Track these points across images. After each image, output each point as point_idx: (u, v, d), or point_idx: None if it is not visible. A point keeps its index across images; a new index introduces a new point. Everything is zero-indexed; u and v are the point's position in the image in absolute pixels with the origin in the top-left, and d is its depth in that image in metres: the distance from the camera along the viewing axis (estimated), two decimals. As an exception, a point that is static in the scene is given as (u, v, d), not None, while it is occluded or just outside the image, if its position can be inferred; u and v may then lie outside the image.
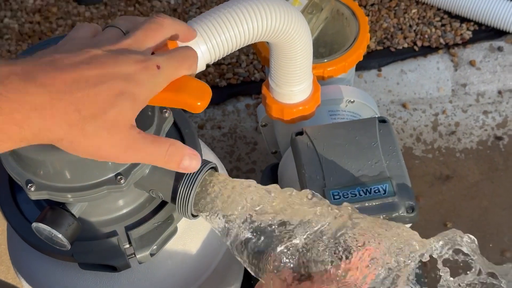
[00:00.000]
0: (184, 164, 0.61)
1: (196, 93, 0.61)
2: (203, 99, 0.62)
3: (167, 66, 0.59)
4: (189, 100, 0.61)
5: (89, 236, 0.73)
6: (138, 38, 0.59)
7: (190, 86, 0.61)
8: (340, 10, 1.06)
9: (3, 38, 1.61)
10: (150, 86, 0.57)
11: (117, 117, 0.55)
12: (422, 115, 1.45)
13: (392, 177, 0.83)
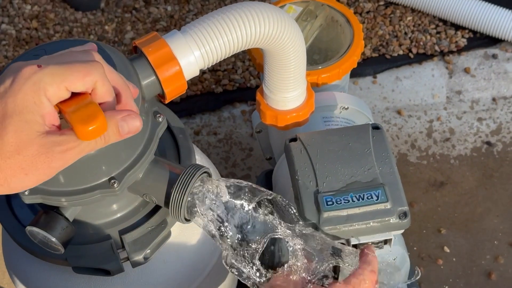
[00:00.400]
0: (124, 130, 0.57)
1: (84, 117, 0.56)
2: (91, 122, 0.56)
3: (52, 65, 0.55)
4: (77, 126, 0.56)
5: (83, 240, 0.73)
6: (53, 57, 0.57)
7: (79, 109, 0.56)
8: (335, 17, 1.07)
9: (0, 44, 1.62)
10: (29, 87, 0.53)
11: (17, 136, 0.53)
12: (417, 121, 1.46)
13: (385, 184, 0.84)
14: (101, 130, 0.56)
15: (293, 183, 0.86)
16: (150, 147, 0.69)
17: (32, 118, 0.54)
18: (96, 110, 0.56)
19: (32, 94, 0.54)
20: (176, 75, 0.71)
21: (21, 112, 0.53)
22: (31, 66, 0.54)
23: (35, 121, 0.54)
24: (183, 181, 0.68)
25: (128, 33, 1.63)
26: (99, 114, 0.56)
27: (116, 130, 0.57)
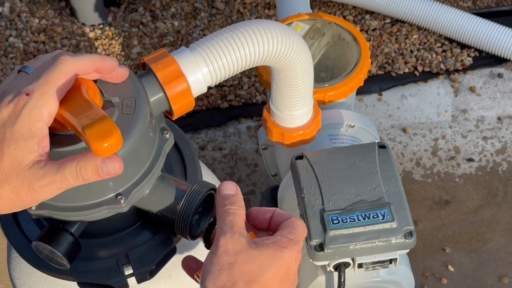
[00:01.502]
0: (104, 171, 0.58)
1: (99, 133, 0.57)
2: (107, 139, 0.57)
3: (36, 87, 0.58)
4: (92, 143, 0.57)
5: (88, 256, 0.73)
6: (30, 76, 0.59)
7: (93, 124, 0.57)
8: (342, 35, 1.07)
9: (7, 57, 1.63)
10: (26, 116, 0.56)
11: (11, 164, 0.56)
12: (422, 139, 1.46)
13: (390, 203, 0.84)
14: (116, 146, 0.57)
15: (299, 201, 0.86)
16: (157, 163, 0.69)
17: (28, 146, 0.56)
18: (111, 126, 0.57)
19: (29, 122, 0.56)
20: (184, 92, 0.71)
21: (17, 140, 0.56)
22: (22, 96, 0.57)
23: (30, 149, 0.56)
24: (189, 198, 0.68)
25: (135, 48, 1.64)
26: (115, 130, 0.57)
27: (96, 171, 0.58)
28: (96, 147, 0.56)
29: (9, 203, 0.57)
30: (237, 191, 0.65)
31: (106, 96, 0.66)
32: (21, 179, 0.56)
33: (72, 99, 0.61)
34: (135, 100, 0.66)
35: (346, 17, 1.64)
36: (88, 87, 0.64)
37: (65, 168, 0.57)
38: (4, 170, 0.56)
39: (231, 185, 0.65)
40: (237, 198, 0.64)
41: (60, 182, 0.57)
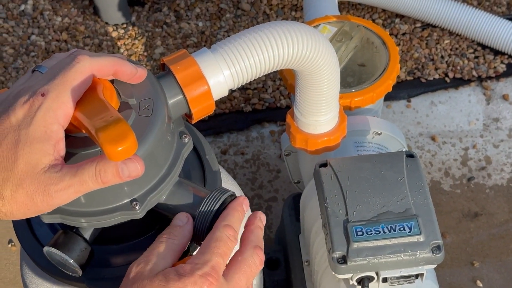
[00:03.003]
0: (125, 173, 0.56)
1: (113, 136, 0.55)
2: (121, 143, 0.55)
3: (52, 88, 0.56)
4: (106, 146, 0.55)
5: (102, 263, 0.71)
6: (45, 76, 0.57)
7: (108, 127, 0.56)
8: (370, 39, 1.04)
9: (29, 55, 1.62)
10: (41, 118, 0.54)
11: (26, 168, 0.54)
12: (451, 148, 1.42)
13: (418, 215, 0.80)
14: (131, 150, 0.55)
15: (322, 210, 0.83)
16: (174, 168, 0.67)
17: (43, 149, 0.54)
18: (125, 129, 0.55)
19: (44, 124, 0.54)
20: (204, 94, 0.69)
21: (32, 143, 0.54)
22: (37, 97, 0.55)
23: (45, 152, 0.54)
24: (207, 205, 0.66)
25: (158, 48, 1.62)
26: (129, 133, 0.55)
27: (116, 173, 0.56)
28: (109, 151, 0.54)
29: (23, 208, 0.55)
30: (187, 221, 0.63)
31: (123, 98, 0.64)
32: (36, 183, 0.54)
33: (87, 100, 0.59)
34: (153, 102, 0.64)
35: (375, 20, 1.61)
36: (104, 87, 0.61)
37: (84, 171, 0.55)
38: (18, 174, 0.54)
39: (183, 216, 0.64)
40: (180, 229, 0.62)
41: (78, 186, 0.55)
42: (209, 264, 0.57)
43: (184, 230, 0.62)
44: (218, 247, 0.59)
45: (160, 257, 0.59)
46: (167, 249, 0.59)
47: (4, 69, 1.60)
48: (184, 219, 0.63)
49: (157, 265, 0.58)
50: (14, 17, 1.68)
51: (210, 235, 0.60)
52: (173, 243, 0.60)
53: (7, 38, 1.65)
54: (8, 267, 1.33)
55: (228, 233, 0.60)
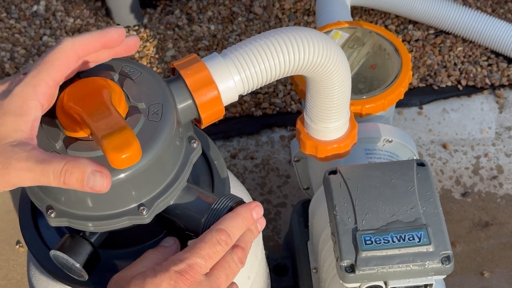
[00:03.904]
0: (89, 184, 0.54)
1: (117, 143, 0.54)
2: (125, 150, 0.54)
3: (33, 67, 0.56)
4: (110, 153, 0.54)
5: (109, 267, 0.71)
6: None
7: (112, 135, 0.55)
8: (382, 45, 1.03)
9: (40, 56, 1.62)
10: (19, 92, 0.54)
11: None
12: (463, 157, 1.40)
13: (428, 225, 0.79)
14: (135, 158, 0.55)
15: (331, 218, 0.82)
16: (182, 174, 0.66)
17: (16, 123, 0.53)
18: (130, 137, 0.55)
19: (21, 99, 0.53)
20: (214, 100, 0.68)
21: (5, 115, 0.53)
22: (19, 75, 0.55)
23: (18, 128, 0.53)
24: (215, 211, 0.65)
25: (169, 51, 1.62)
26: (134, 141, 0.54)
27: (81, 179, 0.54)
28: (113, 158, 0.54)
29: None
30: (174, 243, 0.63)
31: (132, 102, 0.64)
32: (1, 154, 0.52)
33: (93, 104, 0.59)
34: (162, 107, 0.64)
35: (388, 26, 1.60)
36: (113, 91, 0.61)
37: (51, 164, 0.53)
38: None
39: (170, 239, 0.64)
40: (166, 249, 0.63)
41: (39, 175, 0.53)
42: (186, 262, 0.57)
43: (170, 250, 0.62)
44: (201, 248, 0.58)
45: (141, 265, 0.60)
46: (150, 261, 0.60)
47: (15, 70, 1.60)
48: (171, 241, 0.64)
49: (137, 271, 0.59)
50: (27, 17, 1.68)
51: (200, 236, 0.60)
52: (158, 257, 0.61)
53: (19, 38, 1.65)
54: (15, 268, 1.33)
55: (219, 236, 0.59)
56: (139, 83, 0.65)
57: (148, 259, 0.61)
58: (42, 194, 0.65)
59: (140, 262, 0.60)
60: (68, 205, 0.63)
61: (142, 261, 0.61)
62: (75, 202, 0.63)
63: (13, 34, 1.66)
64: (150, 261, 0.60)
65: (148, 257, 0.61)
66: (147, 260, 0.61)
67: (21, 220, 0.75)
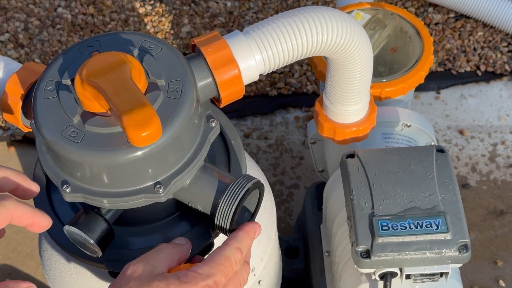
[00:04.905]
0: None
1: (138, 121, 0.54)
2: (146, 128, 0.54)
3: None
4: (129, 130, 0.54)
5: (121, 244, 0.70)
6: None
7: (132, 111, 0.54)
8: (404, 28, 1.01)
9: (55, 27, 1.61)
10: None
11: None
12: (479, 144, 1.38)
13: (446, 212, 0.78)
14: (154, 136, 0.54)
15: (347, 202, 0.81)
16: (200, 153, 0.65)
17: None
18: (151, 114, 0.54)
19: None
20: (234, 78, 0.67)
21: None
22: None
23: None
24: (232, 192, 0.64)
25: (185, 27, 1.60)
26: (154, 119, 0.53)
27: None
28: (133, 135, 0.53)
29: None
30: (186, 243, 0.63)
31: (152, 78, 0.63)
32: None
33: (113, 79, 0.58)
34: (182, 84, 0.63)
35: (408, 8, 1.57)
36: (133, 67, 0.60)
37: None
38: None
39: (182, 238, 0.64)
40: (179, 246, 0.62)
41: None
42: (212, 278, 0.57)
43: (183, 248, 0.63)
44: (225, 266, 0.59)
45: (157, 260, 0.59)
46: (165, 256, 0.60)
47: (29, 41, 1.59)
48: (184, 241, 0.64)
49: (155, 267, 0.58)
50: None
51: (220, 251, 0.60)
52: (172, 252, 0.61)
53: (34, 9, 1.63)
54: (25, 240, 1.33)
55: (237, 256, 0.60)
56: (159, 59, 0.64)
57: (163, 252, 0.60)
58: (58, 168, 0.64)
59: (155, 255, 0.60)
60: (83, 180, 0.63)
61: (157, 254, 0.60)
62: (91, 178, 0.62)
63: (27, 4, 1.64)
64: (164, 255, 0.60)
65: (162, 250, 0.60)
66: (161, 254, 0.60)
67: (35, 194, 0.74)
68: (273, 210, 0.87)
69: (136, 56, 0.64)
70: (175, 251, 0.61)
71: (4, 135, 1.42)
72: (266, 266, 0.85)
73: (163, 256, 0.60)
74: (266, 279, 0.87)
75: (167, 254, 0.60)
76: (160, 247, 0.61)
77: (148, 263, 0.58)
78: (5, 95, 0.72)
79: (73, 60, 0.65)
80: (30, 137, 1.43)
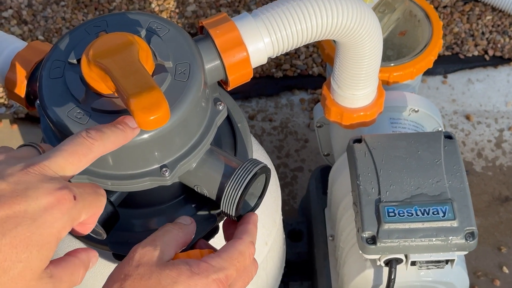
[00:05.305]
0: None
1: (146, 104, 0.52)
2: (154, 111, 0.52)
3: (84, 197, 0.51)
4: (138, 114, 0.52)
5: (126, 227, 0.70)
6: (57, 161, 0.51)
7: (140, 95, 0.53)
8: (413, 11, 1.00)
9: (59, 4, 1.59)
10: (63, 223, 0.49)
11: (22, 272, 0.47)
12: (486, 129, 1.37)
13: (453, 199, 0.78)
14: (163, 120, 0.53)
15: (353, 187, 0.81)
16: (207, 136, 0.65)
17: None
18: (159, 98, 0.53)
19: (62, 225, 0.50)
20: (243, 61, 0.67)
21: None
22: (70, 200, 0.50)
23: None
24: (239, 177, 0.64)
25: (190, 6, 1.58)
26: (163, 103, 0.53)
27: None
28: (141, 119, 0.52)
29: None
30: (191, 223, 0.62)
31: (159, 60, 0.62)
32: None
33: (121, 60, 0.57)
34: (190, 66, 0.62)
35: (416, -10, 1.55)
36: (140, 48, 0.59)
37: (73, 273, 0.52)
38: (14, 277, 0.47)
39: (187, 217, 0.62)
40: (185, 227, 0.60)
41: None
42: (224, 272, 0.56)
43: (188, 228, 0.61)
44: (239, 261, 0.57)
45: (165, 243, 0.57)
46: (171, 239, 0.58)
47: (33, 17, 1.57)
48: (188, 220, 0.62)
49: (164, 253, 0.56)
50: (46, -36, 1.65)
51: (234, 245, 0.59)
52: (178, 234, 0.59)
53: (38, -15, 1.62)
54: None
55: (251, 250, 0.59)
56: (166, 41, 0.63)
57: (170, 234, 0.59)
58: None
59: (161, 237, 0.58)
60: (89, 162, 0.62)
61: (164, 236, 0.58)
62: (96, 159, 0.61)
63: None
64: (171, 237, 0.58)
65: (169, 232, 0.59)
66: (168, 236, 0.58)
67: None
68: (278, 193, 0.86)
69: (143, 37, 0.63)
70: (181, 232, 0.60)
71: (7, 112, 1.42)
72: (271, 250, 0.84)
73: (170, 239, 0.58)
74: (270, 263, 0.87)
75: (173, 237, 0.59)
76: (166, 228, 0.60)
77: (157, 248, 0.56)
78: (10, 74, 0.71)
79: (79, 40, 0.64)
80: (33, 115, 1.42)
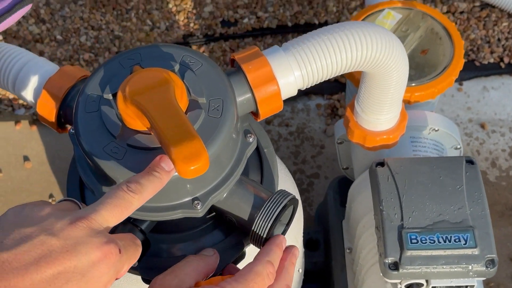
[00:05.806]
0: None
1: (187, 154, 0.54)
2: (194, 162, 0.54)
3: (127, 249, 0.54)
4: (179, 164, 0.54)
5: (155, 251, 0.71)
6: (102, 214, 0.53)
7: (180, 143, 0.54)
8: (435, 29, 1.00)
9: (77, 3, 1.59)
10: (109, 277, 0.52)
11: None
12: (500, 138, 1.38)
13: (474, 227, 0.79)
14: (202, 169, 0.54)
15: (376, 212, 0.82)
16: (237, 168, 0.66)
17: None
18: (200, 148, 0.54)
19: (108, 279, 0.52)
20: (274, 95, 0.67)
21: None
22: (116, 254, 0.52)
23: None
24: (268, 209, 0.65)
25: (208, 6, 1.58)
26: (203, 153, 0.54)
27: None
28: (182, 169, 0.54)
29: None
30: (214, 254, 0.64)
31: (193, 96, 0.62)
32: None
33: (158, 101, 0.58)
34: (223, 103, 0.63)
35: (433, -5, 1.55)
36: (176, 86, 0.60)
37: None
38: None
39: (210, 249, 0.65)
40: (207, 258, 0.63)
41: None
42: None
43: (210, 260, 0.63)
44: (255, 281, 0.58)
45: (185, 273, 0.59)
46: (192, 269, 0.60)
47: (50, 16, 1.58)
48: (211, 252, 0.64)
49: (183, 281, 0.58)
50: (63, -39, 1.65)
51: (250, 266, 0.60)
52: (199, 264, 0.61)
53: (55, -17, 1.62)
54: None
55: (269, 270, 0.60)
56: (200, 76, 0.64)
57: (190, 265, 0.60)
58: (95, 179, 0.64)
59: (182, 268, 0.60)
60: (122, 193, 0.63)
61: (184, 267, 0.60)
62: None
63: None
64: (192, 268, 0.60)
65: (190, 263, 0.61)
66: (189, 267, 0.60)
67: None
68: (301, 214, 0.88)
69: (177, 71, 0.64)
70: (202, 263, 0.62)
71: (26, 114, 1.43)
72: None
73: (191, 270, 0.60)
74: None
75: (194, 267, 0.60)
76: (188, 259, 0.61)
77: (176, 277, 0.59)
78: (42, 100, 0.72)
79: (114, 74, 0.64)
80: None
